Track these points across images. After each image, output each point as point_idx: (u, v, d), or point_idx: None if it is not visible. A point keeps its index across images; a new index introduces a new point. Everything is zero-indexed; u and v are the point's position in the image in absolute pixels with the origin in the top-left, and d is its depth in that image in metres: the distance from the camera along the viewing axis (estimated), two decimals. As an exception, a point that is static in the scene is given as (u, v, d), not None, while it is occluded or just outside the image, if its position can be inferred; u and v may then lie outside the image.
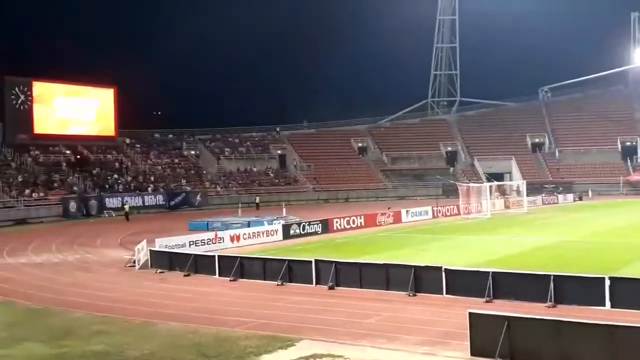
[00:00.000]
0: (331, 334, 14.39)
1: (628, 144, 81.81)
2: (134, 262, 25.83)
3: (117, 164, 67.80)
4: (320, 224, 36.78)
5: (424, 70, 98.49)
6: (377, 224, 40.67)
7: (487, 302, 16.84)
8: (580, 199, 65.08)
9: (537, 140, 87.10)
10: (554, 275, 16.64)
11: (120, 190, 61.71)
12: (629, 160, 79.71)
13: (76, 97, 67.76)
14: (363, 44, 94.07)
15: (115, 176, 64.72)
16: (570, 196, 64.68)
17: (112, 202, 58.25)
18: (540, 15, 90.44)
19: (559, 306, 15.98)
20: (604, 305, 15.76)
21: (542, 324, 12.10)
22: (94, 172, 64.27)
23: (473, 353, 12.29)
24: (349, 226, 38.49)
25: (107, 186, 61.91)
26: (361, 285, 19.43)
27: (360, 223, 39.40)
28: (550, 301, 16.19)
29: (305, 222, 36.40)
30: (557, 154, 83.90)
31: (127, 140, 74.19)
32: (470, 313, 12.55)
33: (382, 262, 20.25)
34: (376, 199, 72.05)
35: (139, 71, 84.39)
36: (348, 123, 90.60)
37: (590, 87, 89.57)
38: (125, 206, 55.49)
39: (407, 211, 44.36)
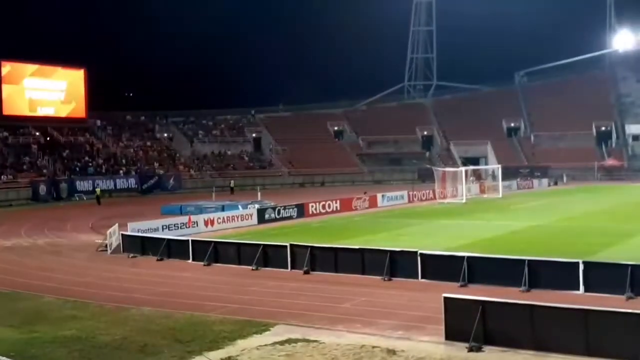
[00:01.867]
0: (306, 319, 14.29)
1: (603, 129, 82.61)
2: (106, 246, 25.47)
3: (87, 146, 66.91)
4: (295, 208, 36.62)
5: (400, 53, 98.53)
6: (353, 208, 40.62)
7: (462, 286, 16.86)
8: (556, 183, 65.82)
9: (512, 124, 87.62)
10: (528, 260, 16.68)
11: (92, 173, 60.94)
12: (603, 145, 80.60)
13: (46, 78, 66.65)
14: (340, 27, 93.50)
15: (86, 159, 63.86)
16: (545, 181, 65.34)
17: (83, 185, 57.51)
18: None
19: (533, 290, 16.04)
20: (578, 289, 15.84)
21: (516, 308, 12.13)
22: (64, 154, 63.34)
23: (448, 337, 12.29)
24: (324, 210, 38.39)
25: (77, 169, 61.08)
26: (336, 270, 19.34)
27: (336, 207, 39.32)
28: (525, 285, 16.24)
29: (281, 207, 36.22)
30: (532, 138, 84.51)
31: (98, 122, 73.14)
32: (445, 297, 12.53)
33: (357, 247, 20.19)
34: (352, 183, 72.08)
35: (110, 52, 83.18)
36: (324, 106, 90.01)
37: (567, 71, 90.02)
38: (96, 189, 54.75)
39: (382, 195, 44.38)
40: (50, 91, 67.05)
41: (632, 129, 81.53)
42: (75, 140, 67.27)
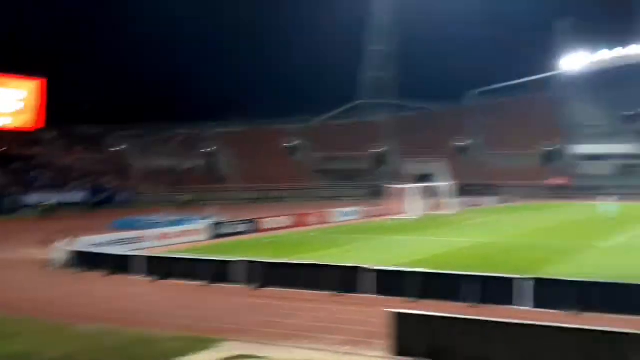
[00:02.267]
0: (256, 335, 14.21)
1: (550, 148, 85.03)
2: (53, 261, 24.86)
3: (38, 159, 65.44)
4: (249, 224, 36.45)
5: (356, 71, 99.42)
6: (307, 224, 40.63)
7: (412, 302, 16.98)
8: (505, 201, 67.04)
9: (464, 143, 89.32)
10: (479, 276, 16.93)
11: (41, 186, 59.53)
12: (550, 165, 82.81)
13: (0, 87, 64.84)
14: (295, 43, 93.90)
15: (36, 171, 62.45)
16: (495, 198, 66.52)
17: (31, 198, 56.06)
18: (471, 20, 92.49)
19: (482, 306, 16.26)
20: (526, 305, 16.13)
21: (464, 324, 12.26)
22: (13, 167, 61.81)
23: (397, 353, 12.35)
24: (278, 226, 38.29)
25: (26, 182, 59.63)
26: (288, 286, 19.29)
27: (290, 223, 39.27)
28: (475, 301, 16.45)
29: (234, 222, 35.99)
30: (483, 156, 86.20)
31: (50, 135, 71.65)
32: (392, 312, 12.60)
33: (308, 262, 20.20)
34: (307, 199, 72.03)
35: (63, 63, 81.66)
36: (279, 122, 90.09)
37: (517, 91, 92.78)
38: (45, 203, 53.35)
39: (336, 211, 44.51)
40: (3, 102, 65.24)
41: (578, 149, 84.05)
42: (25, 152, 65.66)
